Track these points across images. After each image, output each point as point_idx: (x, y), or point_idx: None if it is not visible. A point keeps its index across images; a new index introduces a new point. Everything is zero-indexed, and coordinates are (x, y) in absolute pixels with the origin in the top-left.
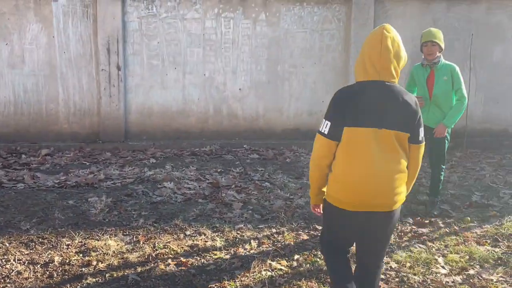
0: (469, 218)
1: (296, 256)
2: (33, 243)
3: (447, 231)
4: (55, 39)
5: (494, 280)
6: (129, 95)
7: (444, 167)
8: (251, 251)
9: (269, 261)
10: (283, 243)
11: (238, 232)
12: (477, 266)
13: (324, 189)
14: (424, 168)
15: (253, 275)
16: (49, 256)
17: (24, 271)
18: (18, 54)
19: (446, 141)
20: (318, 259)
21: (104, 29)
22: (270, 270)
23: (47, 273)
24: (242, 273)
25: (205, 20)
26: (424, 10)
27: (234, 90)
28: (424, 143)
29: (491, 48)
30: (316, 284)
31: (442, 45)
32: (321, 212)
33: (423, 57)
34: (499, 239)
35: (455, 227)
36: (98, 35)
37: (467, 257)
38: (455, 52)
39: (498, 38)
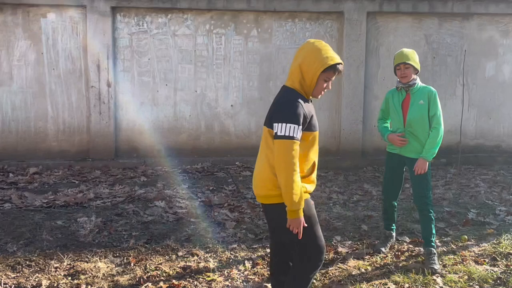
0: (466, 237)
1: None
2: (20, 266)
3: (445, 250)
4: (44, 55)
5: None
6: (120, 112)
7: (430, 203)
8: (245, 273)
9: (264, 283)
10: None
11: (231, 252)
12: (477, 287)
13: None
14: None
15: None
16: (36, 279)
17: None
18: (6, 71)
19: (429, 174)
20: (314, 281)
21: (94, 46)
22: None
23: None
24: None
25: (196, 36)
26: (416, 26)
27: (226, 107)
28: (280, 140)
29: (483, 64)
30: None
31: (417, 66)
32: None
33: (397, 80)
34: (498, 258)
35: (452, 245)
36: (88, 51)
37: (466, 277)
38: (447, 68)
39: (490, 54)
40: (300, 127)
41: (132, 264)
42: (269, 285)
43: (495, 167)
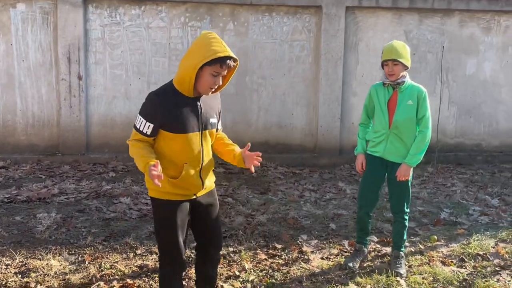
0: (435, 237)
1: (251, 277)
2: None
3: (412, 250)
4: (13, 47)
5: None
6: (91, 106)
7: (408, 210)
8: None
9: (221, 283)
10: (239, 263)
11: (192, 251)
12: None
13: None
14: None
15: None
16: None
17: None
18: None
19: (410, 180)
20: (274, 280)
21: (64, 37)
22: None
23: None
24: None
25: (171, 29)
26: (396, 22)
27: None
28: (133, 128)
29: (464, 61)
30: None
31: (408, 63)
32: None
33: (384, 75)
34: (465, 259)
35: (420, 246)
36: (59, 43)
37: (431, 278)
38: (428, 65)
39: (471, 51)
40: (151, 124)
41: (86, 262)
42: (226, 284)
43: (474, 166)
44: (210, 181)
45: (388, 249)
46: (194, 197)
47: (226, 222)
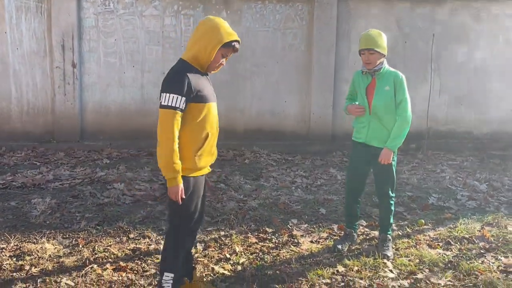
0: (423, 221)
1: (241, 260)
2: None
3: (400, 234)
4: (7, 35)
5: (442, 284)
6: (85, 94)
7: (393, 195)
8: (196, 255)
9: (212, 265)
10: (230, 247)
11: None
12: (426, 270)
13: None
14: None
15: (194, 280)
16: None
17: None
18: None
19: (393, 165)
20: (264, 263)
21: (58, 25)
22: (212, 274)
23: None
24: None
25: (164, 17)
26: (388, 10)
27: None
28: (163, 110)
29: (455, 49)
30: None
31: (384, 51)
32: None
33: (362, 63)
34: (452, 242)
35: (408, 229)
36: (53, 31)
37: (417, 260)
38: (419, 53)
39: (462, 39)
40: (184, 98)
41: (80, 246)
42: (216, 267)
43: (465, 153)
44: None
45: (376, 233)
46: (209, 170)
47: (218, 207)
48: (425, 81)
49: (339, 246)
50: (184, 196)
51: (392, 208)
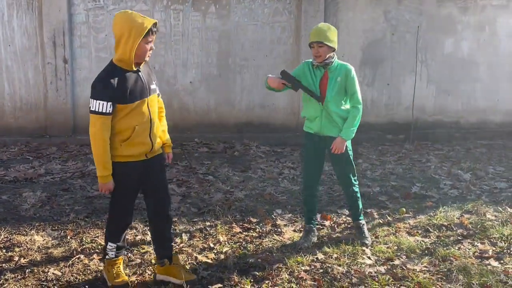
0: (404, 209)
1: (225, 249)
2: None
3: (381, 222)
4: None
5: (418, 270)
6: (77, 89)
7: (356, 183)
8: (181, 245)
9: (195, 254)
10: (214, 236)
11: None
12: (403, 257)
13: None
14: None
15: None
16: None
17: None
18: None
19: (349, 153)
20: (246, 251)
21: (49, 22)
22: (195, 263)
23: None
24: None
25: (154, 12)
26: (375, 2)
27: (185, 83)
28: (91, 115)
29: (442, 41)
30: (239, 276)
31: (334, 45)
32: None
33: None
34: (430, 230)
35: (389, 218)
36: (44, 27)
37: (395, 247)
38: (406, 45)
39: (449, 31)
40: (109, 102)
41: (68, 237)
42: (200, 256)
43: (452, 143)
44: (159, 144)
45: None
46: (145, 157)
47: (205, 198)
48: (413, 72)
49: (306, 245)
50: (110, 190)
51: (358, 194)
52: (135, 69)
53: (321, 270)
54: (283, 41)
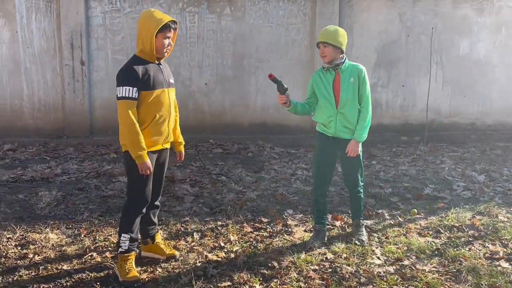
0: (415, 210)
1: (235, 248)
2: None
3: (391, 223)
4: (19, 34)
5: (427, 270)
6: (94, 90)
7: (362, 184)
8: (192, 244)
9: (206, 253)
10: (225, 236)
11: (183, 225)
12: (413, 257)
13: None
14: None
15: (187, 267)
16: None
17: None
18: None
19: (360, 156)
20: (256, 251)
21: (67, 24)
22: (205, 261)
23: None
24: (177, 265)
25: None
26: (390, 4)
27: (200, 85)
28: (119, 101)
29: (457, 42)
30: (248, 275)
31: (340, 46)
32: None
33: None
34: (441, 231)
35: (400, 219)
36: (62, 30)
37: (405, 248)
38: (421, 46)
39: (464, 32)
40: (135, 88)
41: (82, 236)
42: (210, 254)
43: (467, 145)
44: (171, 137)
45: (368, 222)
46: (161, 146)
47: (218, 198)
48: (428, 74)
49: (316, 245)
50: (150, 170)
51: (362, 196)
52: (156, 62)
53: (330, 270)
54: (297, 43)
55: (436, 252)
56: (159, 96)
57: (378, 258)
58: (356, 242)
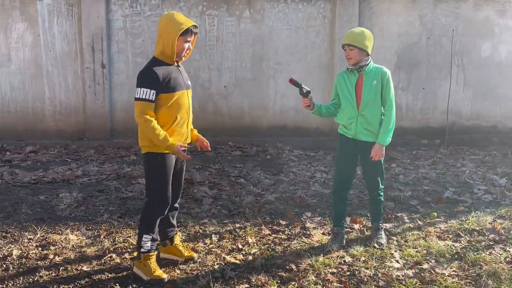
0: (435, 214)
1: (253, 251)
2: None
3: (411, 226)
4: (41, 37)
5: (446, 274)
6: (115, 93)
7: (382, 187)
8: (210, 246)
9: (224, 255)
10: (243, 238)
11: (201, 227)
12: (433, 261)
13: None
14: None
15: (205, 269)
16: (9, 249)
17: None
18: (5, 52)
19: (382, 160)
20: (274, 253)
21: (88, 28)
22: (223, 264)
23: (4, 266)
24: (195, 267)
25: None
26: (410, 6)
27: (219, 88)
28: (137, 102)
29: (479, 44)
30: (266, 277)
31: (365, 48)
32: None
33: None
34: (461, 234)
35: (419, 222)
36: (83, 33)
37: (425, 251)
38: (442, 49)
39: (486, 34)
40: (153, 90)
41: (102, 237)
42: (228, 256)
43: (489, 148)
44: (190, 136)
45: (387, 225)
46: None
47: (236, 201)
48: (448, 76)
49: (334, 247)
50: (184, 155)
51: (382, 199)
52: (175, 64)
53: (348, 273)
54: (317, 45)
55: (456, 256)
56: (179, 98)
57: (397, 261)
58: (375, 245)
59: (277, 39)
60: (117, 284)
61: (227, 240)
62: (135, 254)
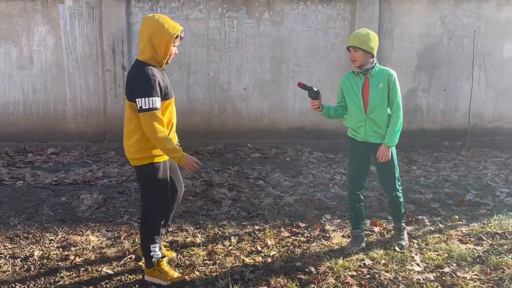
0: (456, 217)
1: (272, 253)
2: (18, 238)
3: (432, 229)
4: (62, 40)
5: (468, 278)
6: None
7: (399, 188)
8: (229, 248)
9: (243, 257)
10: (262, 240)
11: (220, 229)
12: (454, 264)
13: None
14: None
15: (224, 270)
16: (30, 250)
17: (4, 264)
18: (27, 55)
19: (394, 159)
20: (293, 255)
21: (109, 30)
22: (242, 265)
23: (25, 266)
24: (214, 269)
25: (209, 20)
26: (431, 7)
27: (239, 89)
28: (146, 113)
29: (501, 45)
30: (285, 280)
31: (370, 50)
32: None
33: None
34: (483, 238)
35: (440, 225)
36: (104, 36)
37: (446, 255)
38: (464, 50)
39: (508, 35)
40: (159, 98)
41: (122, 238)
42: (247, 259)
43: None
44: None
45: (408, 228)
46: None
47: (255, 203)
48: (470, 78)
49: (353, 250)
50: (196, 164)
51: (401, 199)
52: (162, 68)
53: (368, 276)
54: (336, 47)
55: (477, 259)
56: (172, 104)
57: (418, 265)
58: (396, 247)
59: (297, 41)
60: (137, 285)
61: (246, 242)
62: (143, 264)
